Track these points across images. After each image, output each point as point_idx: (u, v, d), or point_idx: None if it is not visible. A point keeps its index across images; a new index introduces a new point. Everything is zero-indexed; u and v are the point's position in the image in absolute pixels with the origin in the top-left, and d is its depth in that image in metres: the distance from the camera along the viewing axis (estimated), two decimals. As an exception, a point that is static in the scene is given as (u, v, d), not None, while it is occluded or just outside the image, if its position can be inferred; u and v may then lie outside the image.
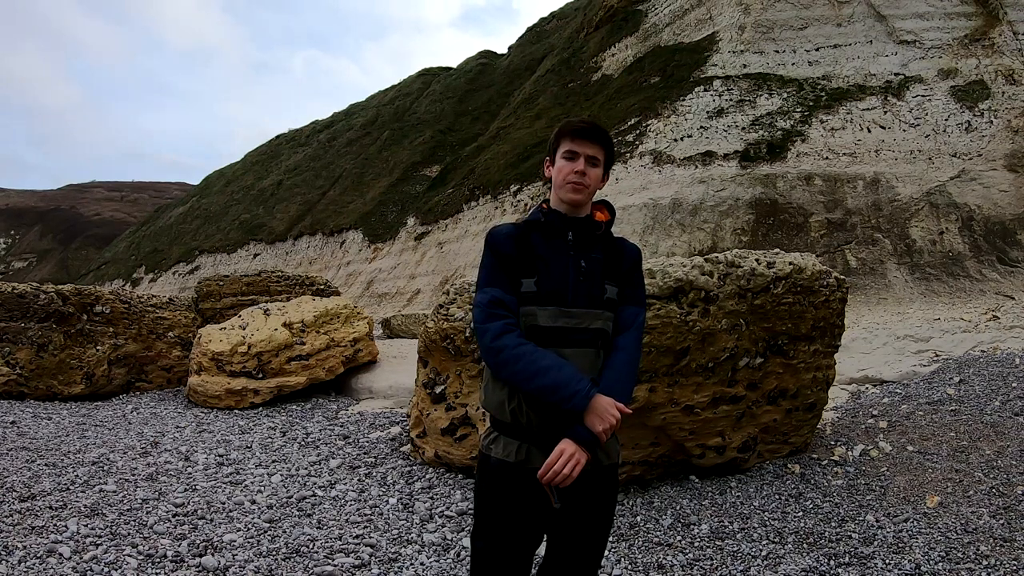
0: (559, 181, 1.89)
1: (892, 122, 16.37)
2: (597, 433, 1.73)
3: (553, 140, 1.96)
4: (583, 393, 1.72)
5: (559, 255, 1.85)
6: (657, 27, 23.04)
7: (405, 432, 5.69)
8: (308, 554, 3.21)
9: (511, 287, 1.83)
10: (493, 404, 1.87)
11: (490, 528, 1.86)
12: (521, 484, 1.80)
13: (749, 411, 4.21)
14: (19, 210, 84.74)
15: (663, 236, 15.67)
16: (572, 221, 1.90)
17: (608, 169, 1.95)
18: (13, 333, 7.62)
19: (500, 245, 1.86)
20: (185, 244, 43.90)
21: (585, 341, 1.81)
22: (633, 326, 1.89)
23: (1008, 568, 2.82)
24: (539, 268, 1.84)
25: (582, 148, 1.89)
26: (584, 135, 1.89)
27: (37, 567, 2.93)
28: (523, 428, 1.81)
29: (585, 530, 1.86)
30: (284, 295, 10.33)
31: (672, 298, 3.81)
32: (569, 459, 1.71)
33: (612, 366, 1.84)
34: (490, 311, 1.80)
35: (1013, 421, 4.63)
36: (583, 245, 1.88)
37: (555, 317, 1.80)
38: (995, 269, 13.28)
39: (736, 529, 3.45)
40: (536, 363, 1.73)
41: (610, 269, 1.89)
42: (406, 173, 33.18)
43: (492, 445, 1.87)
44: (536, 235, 1.88)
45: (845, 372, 6.70)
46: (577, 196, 1.87)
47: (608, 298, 1.86)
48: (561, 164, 1.90)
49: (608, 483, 1.88)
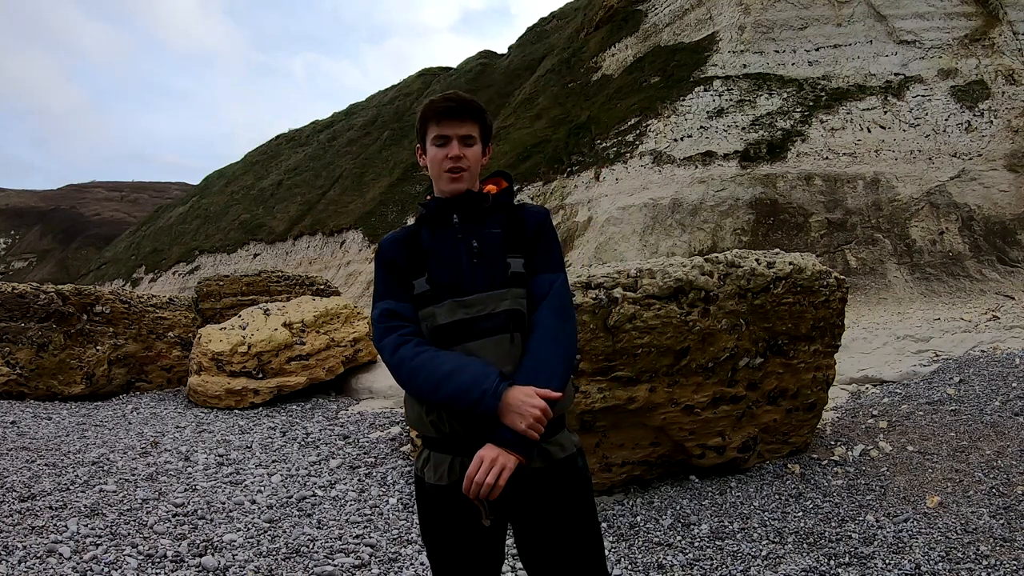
0: (435, 172, 1.70)
1: (892, 122, 16.37)
2: (521, 431, 1.49)
3: (419, 125, 1.74)
4: (491, 392, 1.49)
5: (446, 242, 1.67)
6: (657, 27, 23.04)
7: (405, 432, 5.69)
8: (308, 554, 3.21)
9: (402, 293, 1.67)
10: (413, 419, 1.69)
11: (440, 557, 1.67)
12: (460, 507, 1.58)
13: (749, 411, 4.21)
14: (19, 210, 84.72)
15: (663, 236, 15.67)
16: (453, 202, 1.69)
17: (487, 142, 1.75)
18: (13, 333, 7.62)
19: (384, 252, 1.71)
20: (185, 244, 43.88)
21: (493, 329, 1.59)
22: (549, 295, 1.65)
23: (1008, 568, 2.82)
24: (429, 264, 1.66)
25: (452, 129, 1.68)
26: (450, 114, 1.68)
27: (37, 567, 2.93)
28: (450, 440, 1.61)
29: (560, 539, 1.61)
30: (284, 295, 10.33)
31: (672, 298, 3.81)
32: (491, 465, 1.48)
33: (530, 350, 1.60)
34: (384, 325, 1.65)
35: (1013, 421, 4.63)
36: (472, 223, 1.68)
37: (452, 311, 1.60)
38: (995, 269, 13.28)
39: (736, 529, 3.45)
40: (436, 371, 1.54)
41: (512, 240, 1.68)
42: (406, 173, 33.16)
43: (424, 468, 1.67)
44: (424, 230, 1.71)
45: (845, 372, 6.70)
46: (459, 185, 1.68)
47: (514, 272, 1.64)
48: (433, 152, 1.70)
49: (569, 479, 1.63)
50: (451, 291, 1.62)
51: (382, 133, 39.49)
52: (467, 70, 41.88)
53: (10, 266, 73.97)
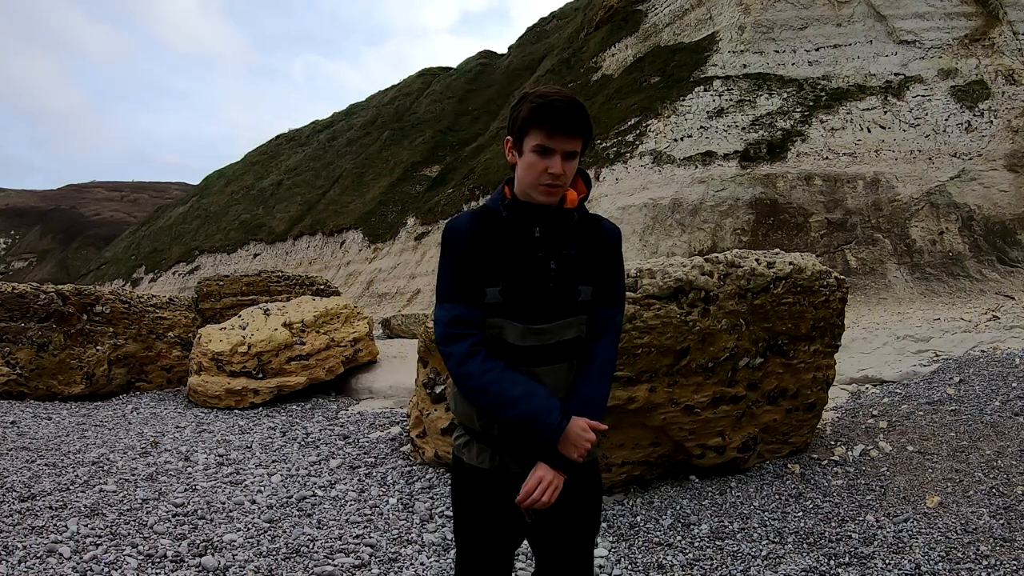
0: (529, 180, 1.60)
1: (892, 122, 16.37)
2: (573, 459, 1.64)
3: (520, 123, 1.59)
4: (554, 426, 1.60)
5: (526, 257, 1.63)
6: (657, 27, 23.04)
7: (405, 432, 5.69)
8: (308, 554, 3.21)
9: (473, 297, 1.64)
10: (462, 414, 1.76)
11: (468, 529, 1.80)
12: (496, 489, 1.72)
13: (749, 411, 4.21)
14: (19, 210, 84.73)
15: (663, 236, 15.67)
16: (540, 213, 1.63)
17: (586, 149, 1.66)
18: (13, 333, 7.62)
19: (458, 246, 1.64)
20: (185, 244, 43.89)
21: (558, 356, 1.66)
22: (609, 330, 1.72)
23: (1008, 568, 2.82)
24: (504, 274, 1.62)
25: (560, 144, 1.56)
26: (564, 129, 1.55)
27: (37, 567, 2.93)
28: (495, 438, 1.71)
29: (570, 532, 1.78)
30: (284, 295, 10.33)
31: (672, 298, 3.81)
32: (547, 486, 1.62)
33: (586, 378, 1.69)
34: (451, 331, 1.64)
35: (1013, 421, 4.63)
36: (553, 241, 1.64)
37: (524, 336, 1.63)
38: (995, 269, 13.29)
39: (736, 529, 3.45)
40: (505, 394, 1.60)
41: (585, 265, 1.67)
42: (406, 173, 33.16)
43: (465, 449, 1.77)
44: (499, 228, 1.64)
45: (845, 372, 6.70)
46: (553, 199, 1.62)
47: (583, 300, 1.68)
48: (532, 160, 1.58)
49: (588, 481, 1.78)
50: (523, 311, 1.63)
51: (382, 133, 39.49)
52: (467, 70, 41.87)
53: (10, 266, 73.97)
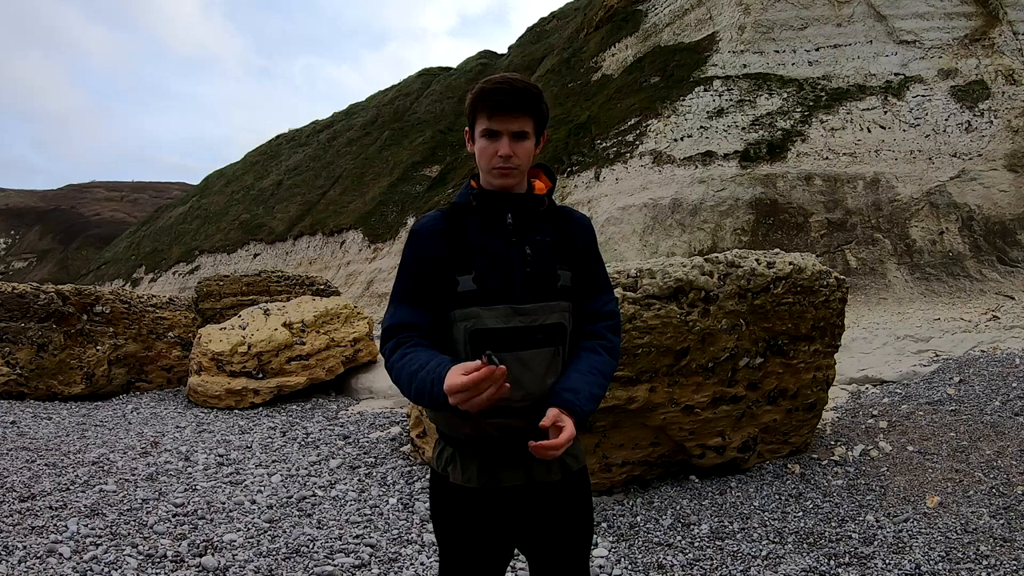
0: (483, 165, 1.59)
1: (892, 122, 16.38)
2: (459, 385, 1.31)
3: (468, 110, 1.60)
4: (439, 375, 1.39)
5: (499, 243, 1.58)
6: (657, 27, 23.04)
7: (405, 432, 5.69)
8: (308, 554, 3.21)
9: (420, 298, 1.57)
10: (437, 418, 1.63)
11: (455, 554, 1.66)
12: (486, 508, 1.58)
13: (749, 411, 4.21)
14: (19, 210, 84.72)
15: (663, 236, 15.66)
16: (509, 200, 1.60)
17: (542, 132, 1.63)
18: (13, 333, 7.62)
19: (423, 246, 1.58)
20: (185, 244, 43.87)
21: (543, 340, 1.56)
22: (611, 314, 1.68)
23: (1008, 568, 2.82)
24: (478, 262, 1.56)
25: (503, 125, 1.54)
26: (502, 108, 1.52)
27: (37, 567, 2.93)
28: (477, 443, 1.56)
29: (563, 542, 1.68)
30: (284, 295, 10.33)
31: (672, 298, 3.81)
32: (570, 437, 1.45)
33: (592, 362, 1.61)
34: (388, 332, 1.57)
35: (1013, 421, 4.63)
36: (526, 228, 1.61)
37: (507, 317, 1.53)
38: (995, 269, 13.29)
39: (736, 529, 3.45)
40: (405, 368, 1.47)
41: (562, 251, 1.63)
42: (406, 173, 33.17)
43: (448, 467, 1.62)
44: (469, 220, 1.60)
45: (845, 372, 6.70)
46: (507, 181, 1.58)
47: (563, 286, 1.61)
48: (482, 145, 1.57)
49: (581, 488, 1.69)
50: (502, 295, 1.55)
51: (382, 133, 39.49)
52: (467, 70, 41.86)
53: (10, 266, 73.97)
